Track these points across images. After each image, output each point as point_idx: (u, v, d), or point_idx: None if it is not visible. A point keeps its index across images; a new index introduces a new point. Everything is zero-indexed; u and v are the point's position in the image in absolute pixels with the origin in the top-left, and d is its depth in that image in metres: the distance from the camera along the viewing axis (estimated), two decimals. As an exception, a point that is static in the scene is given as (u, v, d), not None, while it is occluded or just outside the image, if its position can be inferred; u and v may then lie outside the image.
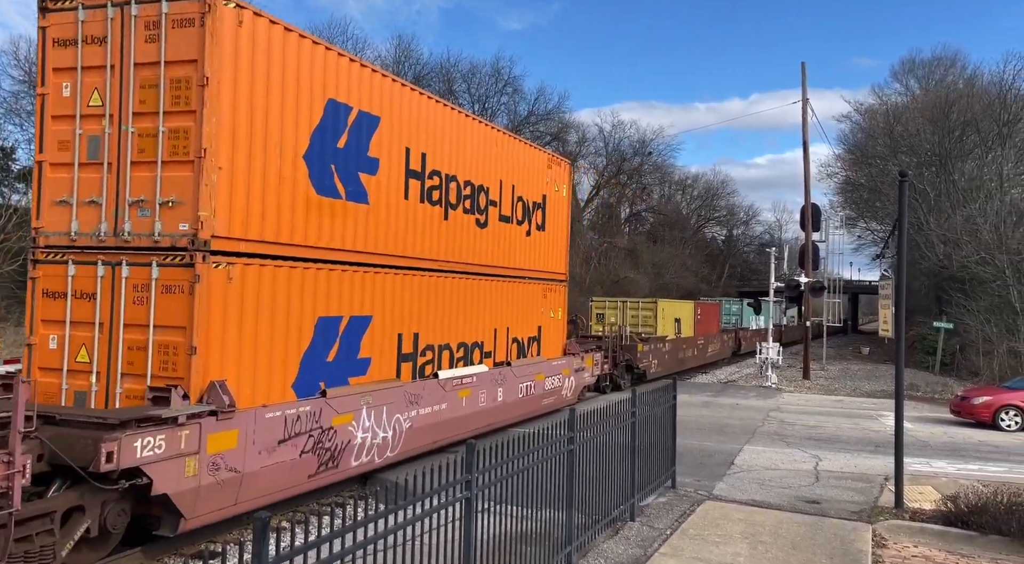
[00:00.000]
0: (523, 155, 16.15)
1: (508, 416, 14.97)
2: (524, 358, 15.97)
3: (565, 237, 18.55)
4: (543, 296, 17.00)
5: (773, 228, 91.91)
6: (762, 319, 47.15)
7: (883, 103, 54.22)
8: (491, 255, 14.67)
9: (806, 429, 17.91)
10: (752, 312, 47.35)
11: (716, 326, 36.94)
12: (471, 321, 13.85)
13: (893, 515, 10.16)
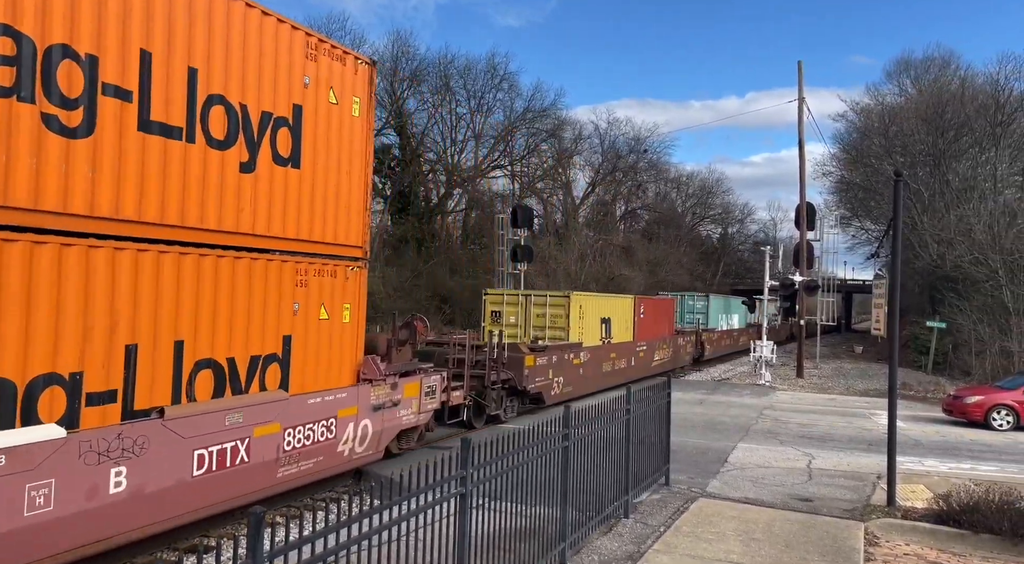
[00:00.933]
0: (241, 25, 9.00)
1: (151, 521, 7.83)
2: (242, 394, 8.99)
3: (360, 185, 11.25)
4: (300, 283, 9.97)
5: (768, 227, 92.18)
6: (736, 318, 45.02)
7: (878, 103, 54.38)
8: (126, 199, 7.74)
9: (799, 427, 17.97)
10: (721, 309, 42.56)
11: (668, 328, 30.05)
12: (67, 332, 7.13)
13: (885, 513, 10.21)
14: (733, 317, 43.48)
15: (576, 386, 20.28)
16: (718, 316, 41.62)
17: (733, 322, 42.58)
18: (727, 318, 43.51)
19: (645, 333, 26.68)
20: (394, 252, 46.64)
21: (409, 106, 53.65)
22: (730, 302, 45.85)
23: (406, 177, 50.99)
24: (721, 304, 44.61)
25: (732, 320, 45.34)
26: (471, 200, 56.08)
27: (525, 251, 29.58)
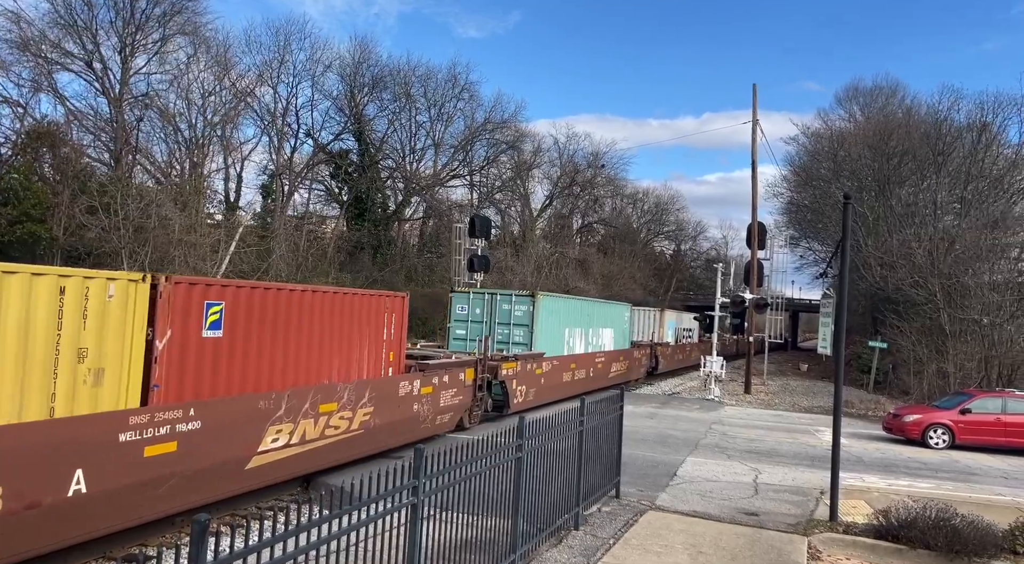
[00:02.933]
0: None
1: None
2: None
3: None
4: None
5: (719, 245, 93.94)
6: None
7: (828, 128, 56.11)
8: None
9: (747, 442, 18.28)
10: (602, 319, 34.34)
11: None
12: None
13: (828, 528, 10.43)
14: (604, 332, 28.28)
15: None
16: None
17: (604, 340, 28.11)
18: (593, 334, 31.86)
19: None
20: (349, 258, 46.13)
21: (369, 112, 53.35)
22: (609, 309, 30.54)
23: (363, 183, 50.56)
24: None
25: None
26: (429, 208, 55.91)
27: (482, 261, 29.58)
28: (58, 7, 39.10)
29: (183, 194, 38.60)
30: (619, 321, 29.78)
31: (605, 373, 27.02)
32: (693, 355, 44.45)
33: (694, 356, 44.09)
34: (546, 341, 21.90)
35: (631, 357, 30.67)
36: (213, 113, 44.32)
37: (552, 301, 22.85)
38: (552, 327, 22.43)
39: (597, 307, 27.82)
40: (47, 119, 39.25)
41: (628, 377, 29.86)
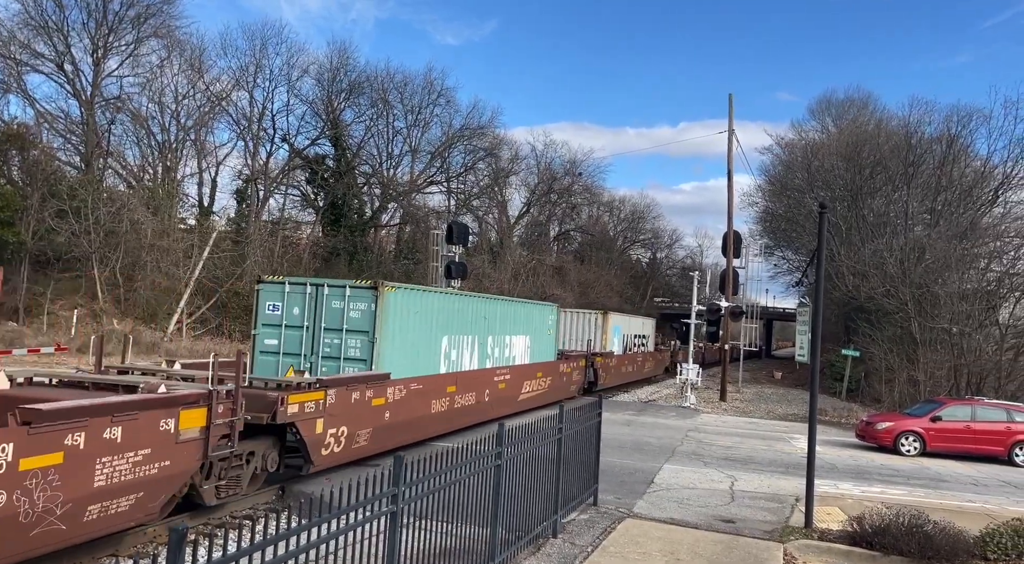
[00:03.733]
0: None
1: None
2: None
3: None
4: None
5: (695, 253, 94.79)
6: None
7: (802, 138, 56.99)
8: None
9: (723, 449, 18.40)
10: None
11: None
12: None
13: (803, 535, 10.52)
14: (515, 341, 21.18)
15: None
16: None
17: (515, 351, 21.26)
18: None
19: None
20: (325, 264, 45.80)
21: (346, 117, 53.11)
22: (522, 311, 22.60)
23: (340, 188, 50.28)
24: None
25: (512, 347, 21.73)
26: (406, 215, 55.73)
27: (459, 268, 29.53)
28: (28, 8, 38.51)
29: (155, 198, 38.09)
30: (539, 326, 22.64)
31: (511, 395, 20.07)
32: (647, 366, 39.31)
33: (648, 368, 39.55)
34: (402, 355, 14.75)
35: (555, 372, 23.78)
36: (187, 117, 43.85)
37: (411, 297, 15.62)
38: (414, 335, 15.41)
39: (501, 307, 20.17)
40: (16, 121, 38.57)
41: (551, 398, 22.61)
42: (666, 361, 45.40)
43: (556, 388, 23.91)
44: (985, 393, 25.34)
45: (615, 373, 32.24)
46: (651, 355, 41.15)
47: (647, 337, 41.00)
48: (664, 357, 45.28)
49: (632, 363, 36.11)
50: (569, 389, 25.64)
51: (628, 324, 37.11)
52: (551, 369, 23.62)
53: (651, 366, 40.68)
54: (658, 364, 42.90)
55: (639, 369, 37.59)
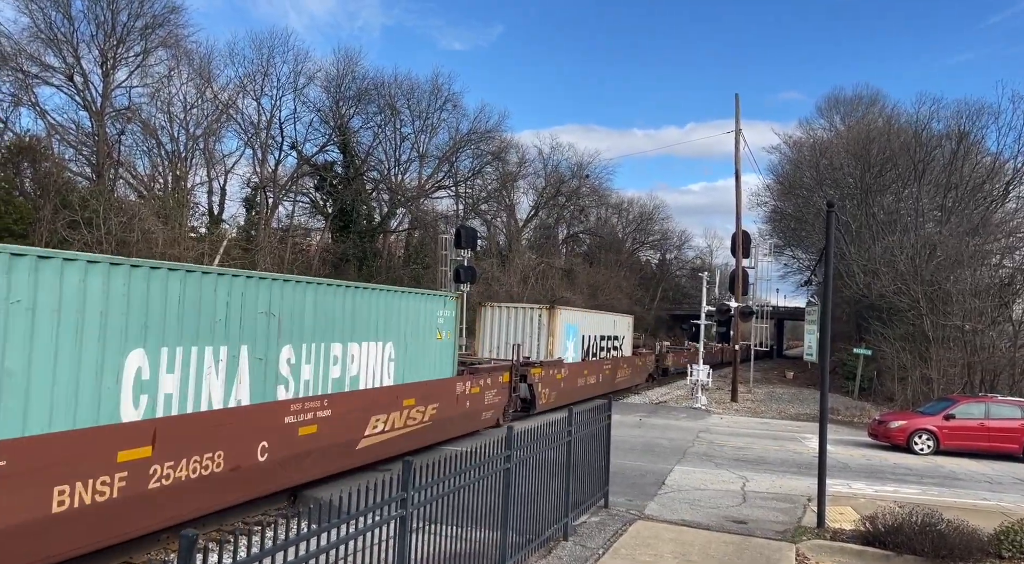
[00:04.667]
0: None
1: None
2: None
3: None
4: None
5: (704, 253, 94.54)
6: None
7: (810, 137, 56.76)
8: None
9: (734, 450, 18.34)
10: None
11: None
12: None
13: (815, 535, 10.48)
14: (361, 352, 13.49)
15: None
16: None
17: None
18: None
19: None
20: (335, 270, 45.97)
21: (353, 124, 53.33)
22: (381, 302, 14.65)
23: (348, 195, 50.49)
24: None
25: (353, 362, 13.95)
26: (414, 220, 55.87)
27: (468, 272, 29.56)
28: (38, 21, 38.90)
29: (166, 207, 38.35)
30: (416, 328, 14.80)
31: (337, 443, 12.00)
32: (621, 376, 31.49)
33: (622, 377, 31.77)
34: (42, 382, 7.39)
35: (447, 395, 15.88)
36: (196, 126, 44.17)
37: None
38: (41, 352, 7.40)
39: (319, 296, 11.72)
40: (28, 133, 38.91)
41: (441, 435, 15.60)
42: (649, 367, 37.93)
43: (451, 420, 16.02)
44: (999, 390, 25.14)
45: (566, 388, 23.98)
46: (627, 361, 32.78)
47: (621, 338, 32.18)
48: (647, 362, 37.56)
49: (596, 373, 27.93)
50: (480, 418, 17.91)
51: (590, 322, 28.33)
52: (439, 392, 15.39)
53: (626, 375, 32.45)
54: (637, 372, 34.92)
55: (607, 380, 29.46)
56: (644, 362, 36.95)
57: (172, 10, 43.02)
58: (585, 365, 26.97)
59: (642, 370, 36.42)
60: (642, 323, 74.17)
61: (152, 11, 41.94)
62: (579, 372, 26.02)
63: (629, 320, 34.86)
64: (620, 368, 31.68)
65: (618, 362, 31.43)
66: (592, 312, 31.69)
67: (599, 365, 28.76)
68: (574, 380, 25.29)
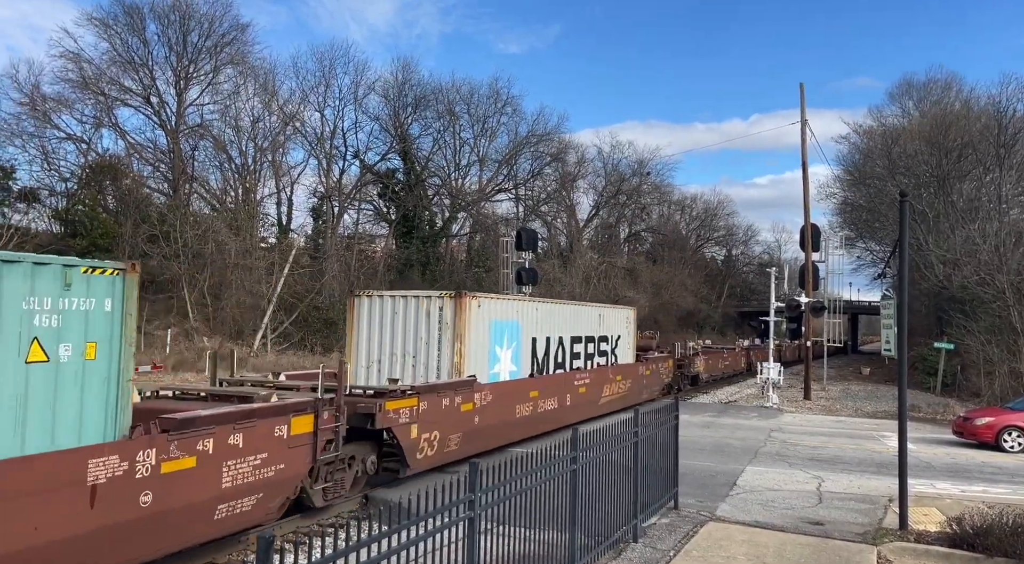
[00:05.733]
0: None
1: None
2: None
3: None
4: None
5: (772, 248, 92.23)
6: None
7: (881, 124, 54.66)
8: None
9: (808, 450, 17.81)
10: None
11: None
12: None
13: (898, 537, 10.08)
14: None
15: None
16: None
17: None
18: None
19: None
20: (399, 275, 46.75)
21: (413, 131, 54.15)
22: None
23: (410, 201, 51.28)
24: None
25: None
26: (475, 223, 56.32)
27: (529, 274, 29.63)
28: (116, 46, 40.95)
29: (237, 220, 39.70)
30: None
31: None
32: (610, 392, 21.69)
33: (612, 395, 21.84)
34: None
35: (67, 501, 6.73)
36: (263, 138, 45.62)
37: None
38: None
39: None
40: (109, 153, 40.96)
41: None
42: (664, 376, 28.23)
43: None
44: (1097, 384, 23.66)
45: (489, 425, 14.70)
46: (623, 371, 23.08)
47: (613, 339, 23.13)
48: (659, 370, 27.44)
49: (558, 393, 18.22)
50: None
51: (547, 317, 18.88)
52: None
53: (621, 390, 22.61)
54: (642, 384, 25.00)
55: (583, 401, 19.64)
56: (655, 370, 26.73)
57: (239, 29, 44.65)
58: (535, 383, 17.18)
59: (651, 381, 26.36)
60: (709, 321, 72.98)
61: (220, 31, 43.64)
62: (519, 395, 16.23)
63: (627, 313, 25.16)
64: (609, 382, 21.68)
65: (605, 374, 21.45)
66: (554, 302, 20.96)
67: (564, 382, 18.61)
68: (506, 410, 15.48)
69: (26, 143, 36.23)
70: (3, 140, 34.78)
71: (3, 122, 35.58)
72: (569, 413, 18.65)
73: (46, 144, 37.54)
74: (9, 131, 35.52)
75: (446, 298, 15.47)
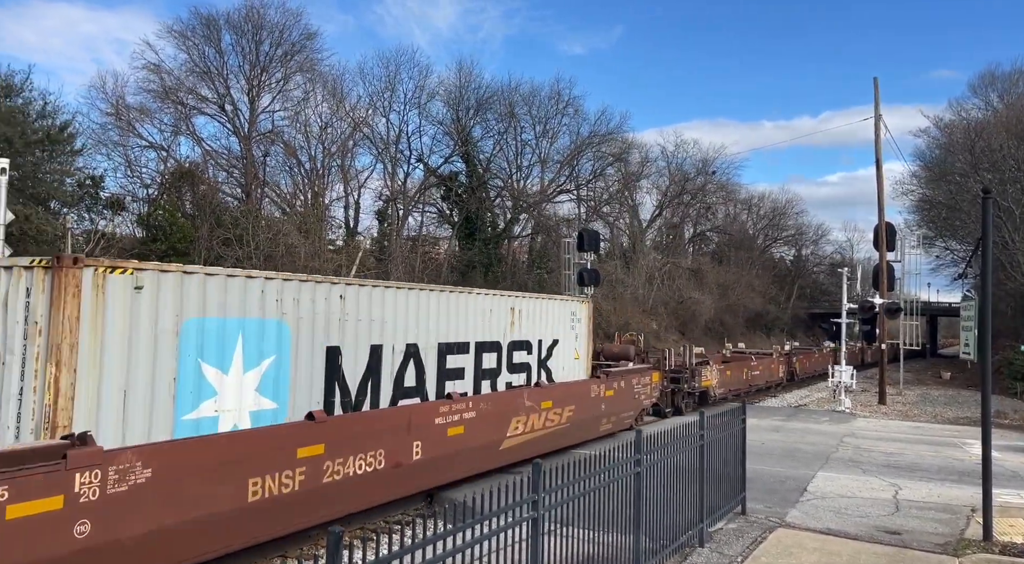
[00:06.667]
0: None
1: None
2: None
3: None
4: None
5: (844, 248, 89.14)
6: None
7: (962, 118, 52.19)
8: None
9: (883, 456, 17.16)
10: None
11: None
12: None
13: (981, 548, 9.62)
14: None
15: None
16: None
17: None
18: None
19: None
20: (462, 277, 47.18)
21: (475, 134, 54.57)
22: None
23: (473, 203, 51.69)
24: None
25: None
26: (537, 225, 56.35)
27: (592, 275, 29.45)
28: (194, 57, 42.65)
29: (306, 223, 40.81)
30: None
31: None
32: (525, 430, 13.26)
33: (530, 434, 13.41)
34: None
35: None
36: (331, 144, 46.76)
37: None
38: None
39: None
40: (187, 160, 42.68)
41: None
42: (646, 395, 19.08)
43: None
44: None
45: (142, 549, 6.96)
46: (559, 396, 14.66)
47: (547, 345, 17.11)
48: (637, 387, 18.43)
49: (404, 441, 10.41)
50: None
51: (400, 312, 12.89)
52: None
53: (557, 422, 14.48)
54: (597, 413, 16.31)
55: (466, 449, 11.60)
56: (623, 389, 17.52)
57: (308, 37, 45.87)
58: (315, 432, 9.00)
59: (619, 405, 17.37)
60: (778, 322, 71.07)
61: (290, 39, 44.91)
62: (260, 460, 8.29)
63: (572, 308, 18.23)
64: (526, 412, 13.43)
65: (512, 402, 13.22)
66: (398, 287, 13.16)
67: (399, 423, 10.54)
68: (204, 496, 7.60)
69: (111, 152, 38.13)
70: (92, 149, 36.67)
71: (92, 132, 37.52)
72: (413, 475, 10.58)
73: (129, 153, 39.42)
74: (97, 140, 37.46)
75: (37, 271, 7.94)
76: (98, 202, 34.32)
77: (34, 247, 23.73)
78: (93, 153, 36.81)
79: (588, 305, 19.53)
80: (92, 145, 36.98)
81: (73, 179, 32.77)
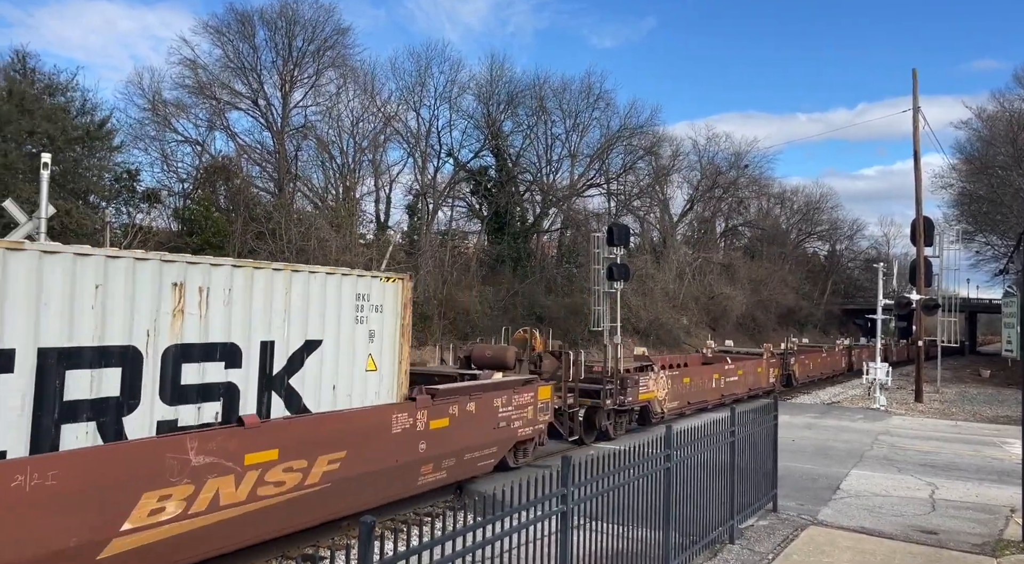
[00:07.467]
0: None
1: None
2: None
3: None
4: None
5: (880, 243, 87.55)
6: None
7: (1005, 109, 50.81)
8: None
9: (919, 454, 16.86)
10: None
11: None
12: None
13: (1020, 549, 9.41)
14: None
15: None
16: None
17: None
18: None
19: None
20: (491, 271, 47.29)
21: (505, 128, 54.53)
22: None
23: (502, 198, 51.71)
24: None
25: None
26: (566, 219, 56.20)
27: (621, 270, 29.29)
28: (228, 53, 43.26)
29: (338, 217, 41.18)
30: None
31: None
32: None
33: None
34: None
35: None
36: (363, 138, 47.10)
37: None
38: None
39: None
40: (221, 154, 43.33)
41: None
42: (533, 417, 13.19)
43: None
44: None
45: None
46: (332, 434, 8.93)
47: (307, 345, 9.42)
48: (522, 409, 12.85)
49: None
50: None
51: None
52: None
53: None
54: (474, 451, 11.51)
55: None
56: (473, 414, 11.66)
57: (340, 32, 46.22)
58: None
59: (471, 439, 11.55)
60: (811, 318, 70.09)
61: (323, 35, 45.30)
62: None
63: (354, 285, 10.46)
64: (185, 480, 7.35)
65: (156, 456, 7.24)
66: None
67: None
68: None
69: (148, 146, 38.91)
70: (129, 144, 37.43)
71: (129, 128, 38.30)
72: None
73: (165, 147, 40.17)
74: (134, 135, 38.24)
75: None
76: (135, 196, 35.03)
77: (75, 240, 24.33)
78: (130, 148, 37.56)
79: (401, 284, 11.64)
80: (130, 140, 37.72)
81: (111, 174, 33.47)
